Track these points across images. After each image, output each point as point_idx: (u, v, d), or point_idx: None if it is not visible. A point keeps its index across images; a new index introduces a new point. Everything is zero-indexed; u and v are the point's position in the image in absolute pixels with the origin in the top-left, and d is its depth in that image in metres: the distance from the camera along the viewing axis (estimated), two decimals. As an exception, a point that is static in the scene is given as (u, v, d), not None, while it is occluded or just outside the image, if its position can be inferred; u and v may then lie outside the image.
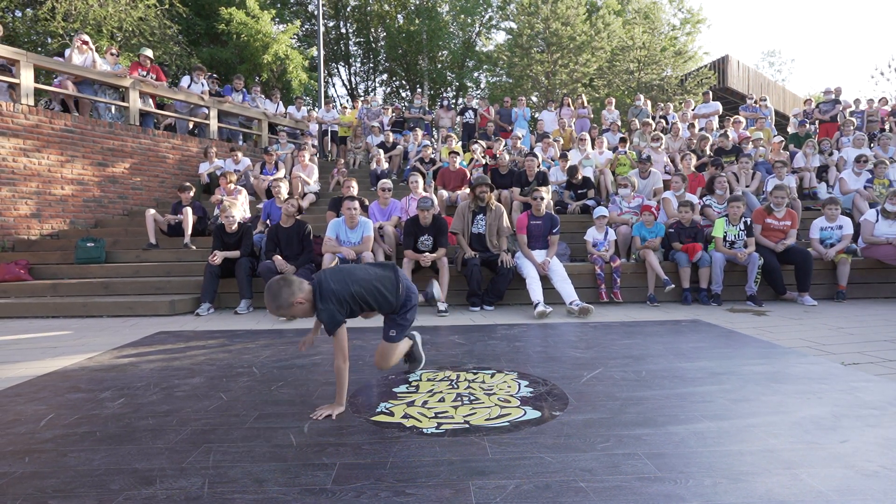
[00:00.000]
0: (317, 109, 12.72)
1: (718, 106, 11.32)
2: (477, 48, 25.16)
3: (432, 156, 8.90)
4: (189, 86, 9.51)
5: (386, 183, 6.20)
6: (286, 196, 6.36)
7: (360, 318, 2.51)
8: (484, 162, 8.29)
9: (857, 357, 3.17)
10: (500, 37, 26.45)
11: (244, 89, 10.74)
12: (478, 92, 25.20)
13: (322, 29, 15.90)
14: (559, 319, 4.60)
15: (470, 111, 11.93)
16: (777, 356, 3.18)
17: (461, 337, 3.86)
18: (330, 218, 6.03)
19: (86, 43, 7.88)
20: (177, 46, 15.81)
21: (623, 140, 9.16)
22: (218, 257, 5.22)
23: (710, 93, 12.15)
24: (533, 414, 2.23)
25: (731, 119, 10.32)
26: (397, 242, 5.85)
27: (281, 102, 11.53)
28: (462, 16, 24.37)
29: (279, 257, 5.21)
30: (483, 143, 9.47)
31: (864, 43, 74.32)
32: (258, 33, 17.17)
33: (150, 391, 2.62)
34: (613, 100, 11.57)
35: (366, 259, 5.11)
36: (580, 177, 7.39)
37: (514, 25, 21.96)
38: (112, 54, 8.55)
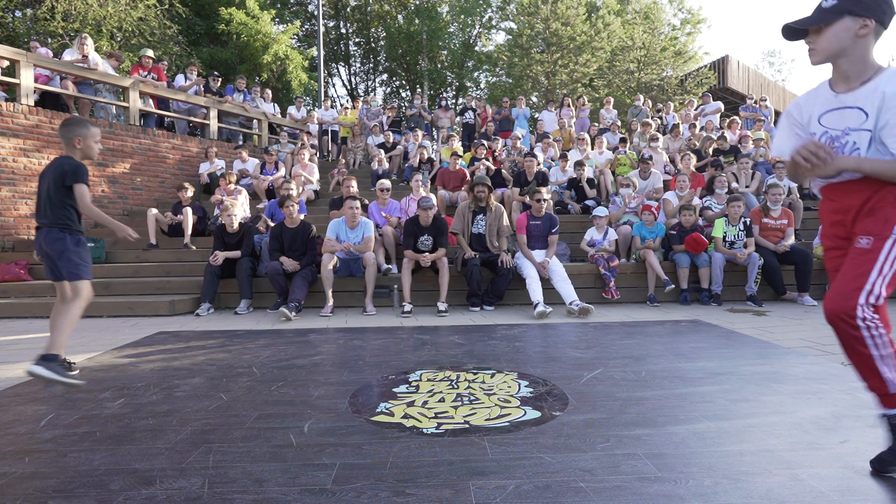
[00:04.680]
0: (317, 109, 12.72)
1: (720, 104, 11.32)
2: (477, 48, 25.14)
3: (431, 156, 8.89)
4: (185, 82, 9.53)
5: (384, 183, 6.19)
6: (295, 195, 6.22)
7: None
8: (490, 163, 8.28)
9: (856, 357, 3.17)
10: (499, 37, 26.45)
11: (245, 89, 10.74)
12: (477, 92, 25.17)
13: (322, 29, 15.90)
14: (559, 319, 4.60)
15: (470, 111, 11.93)
16: (777, 356, 3.18)
17: (461, 337, 3.86)
18: (333, 217, 6.03)
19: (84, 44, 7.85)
20: (177, 47, 15.81)
21: (623, 140, 9.16)
22: (219, 257, 5.22)
23: (710, 95, 12.13)
24: (533, 414, 2.23)
25: (728, 119, 10.32)
26: (397, 243, 5.85)
27: (276, 105, 11.53)
28: (462, 16, 24.35)
29: (286, 259, 5.20)
30: (484, 143, 9.46)
31: (863, 43, 74.25)
32: (258, 33, 17.16)
33: (150, 391, 2.62)
34: (612, 99, 11.57)
35: (368, 260, 5.10)
36: (584, 173, 7.35)
37: (513, 26, 21.95)
38: (116, 59, 8.57)
